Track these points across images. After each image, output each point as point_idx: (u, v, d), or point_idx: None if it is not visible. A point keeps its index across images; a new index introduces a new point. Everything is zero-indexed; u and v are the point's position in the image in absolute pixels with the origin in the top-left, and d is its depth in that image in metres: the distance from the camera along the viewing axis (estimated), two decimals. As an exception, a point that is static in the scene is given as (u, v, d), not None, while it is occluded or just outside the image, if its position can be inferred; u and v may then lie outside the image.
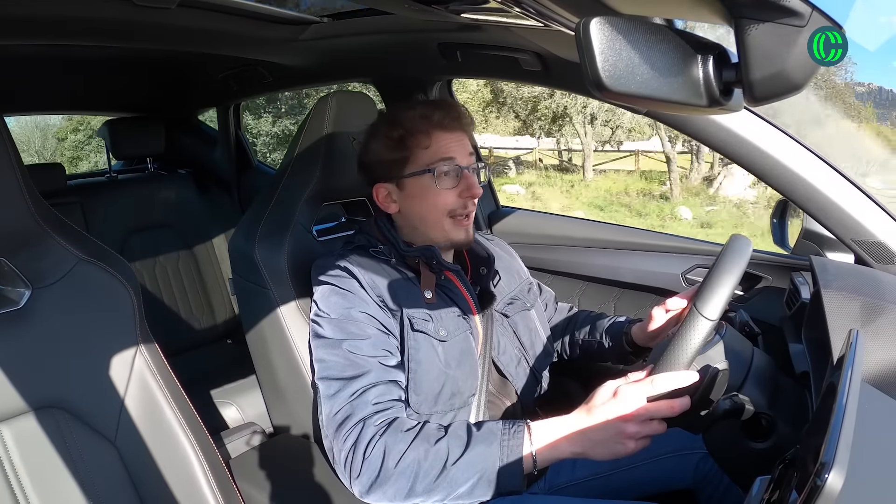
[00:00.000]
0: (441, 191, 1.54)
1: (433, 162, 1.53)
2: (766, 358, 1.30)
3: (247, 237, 1.77)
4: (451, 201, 1.55)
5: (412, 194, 1.57)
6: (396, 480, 1.29)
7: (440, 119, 1.54)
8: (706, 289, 1.15)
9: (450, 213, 1.56)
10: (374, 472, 1.30)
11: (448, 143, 1.54)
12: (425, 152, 1.54)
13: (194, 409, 1.34)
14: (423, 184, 1.55)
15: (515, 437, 1.27)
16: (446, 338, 1.52)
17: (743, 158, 1.64)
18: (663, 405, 1.15)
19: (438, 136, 1.54)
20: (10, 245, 1.18)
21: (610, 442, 1.19)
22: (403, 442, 1.30)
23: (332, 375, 1.43)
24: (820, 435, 0.70)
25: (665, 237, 2.33)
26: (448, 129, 1.55)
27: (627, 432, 1.17)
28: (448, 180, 1.54)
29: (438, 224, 1.57)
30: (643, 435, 1.18)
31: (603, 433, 1.19)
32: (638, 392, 1.16)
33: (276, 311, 1.70)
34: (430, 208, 1.56)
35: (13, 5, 1.60)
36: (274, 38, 2.20)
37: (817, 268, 1.47)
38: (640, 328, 1.68)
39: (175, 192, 3.36)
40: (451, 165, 1.53)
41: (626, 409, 1.17)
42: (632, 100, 0.69)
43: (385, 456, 1.30)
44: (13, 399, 1.15)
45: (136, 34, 2.04)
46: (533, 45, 1.78)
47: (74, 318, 1.23)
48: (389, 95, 2.58)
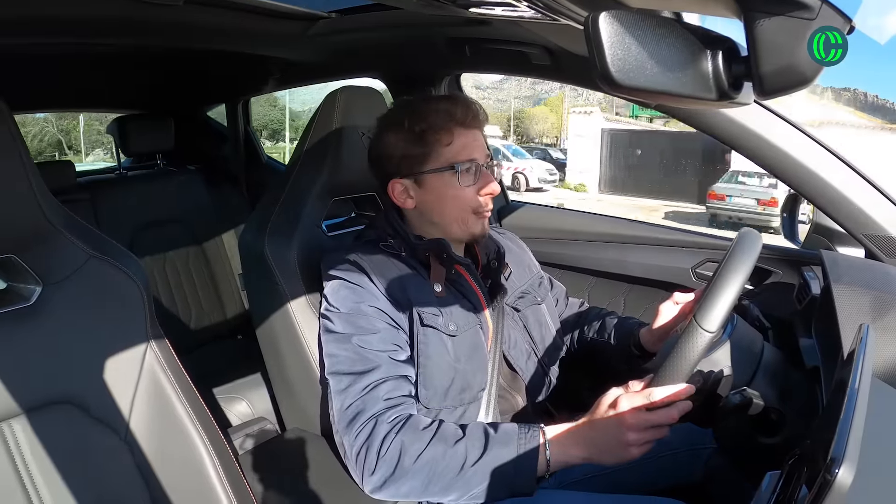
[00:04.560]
0: (463, 188, 1.54)
1: (456, 160, 1.53)
2: (776, 353, 1.29)
3: (257, 233, 1.77)
4: (471, 198, 1.55)
5: (432, 190, 1.57)
6: (412, 478, 1.30)
7: (462, 116, 1.54)
8: (707, 299, 1.14)
9: (473, 210, 1.57)
10: (390, 470, 1.31)
11: (469, 141, 1.55)
12: (447, 149, 1.53)
13: (205, 405, 1.34)
14: (444, 180, 1.54)
15: (531, 440, 1.29)
16: (456, 332, 1.52)
17: (753, 152, 1.63)
18: (661, 414, 1.18)
19: (460, 133, 1.54)
20: (21, 242, 1.18)
21: (614, 449, 1.23)
22: (420, 441, 1.31)
23: (341, 370, 1.43)
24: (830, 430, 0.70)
25: (674, 231, 2.32)
26: (468, 126, 1.55)
27: (628, 440, 1.20)
28: (469, 178, 1.54)
29: (460, 219, 1.57)
30: (644, 441, 1.21)
31: (606, 441, 1.24)
32: (635, 403, 1.20)
33: (286, 306, 1.70)
34: (452, 205, 1.56)
35: (21, 5, 1.60)
36: (281, 34, 2.20)
37: (828, 262, 1.46)
38: (648, 331, 1.68)
39: (184, 188, 3.36)
40: (472, 163, 1.54)
41: (625, 419, 1.20)
42: (641, 94, 0.69)
43: (402, 454, 1.30)
44: (24, 395, 1.16)
45: (144, 31, 2.04)
46: (541, 39, 1.77)
47: (85, 315, 1.23)
48: (398, 90, 2.57)
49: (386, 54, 2.35)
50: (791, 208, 1.90)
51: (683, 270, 2.16)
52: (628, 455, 1.21)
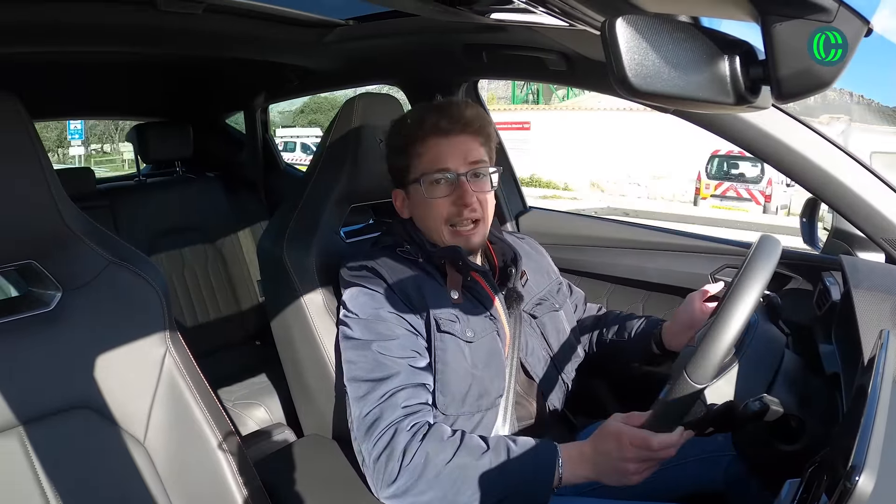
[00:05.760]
0: (433, 200, 1.53)
1: (425, 171, 1.52)
2: (796, 359, 1.28)
3: (275, 239, 1.78)
4: (445, 210, 1.54)
5: (414, 202, 1.59)
6: (434, 488, 1.30)
7: (434, 123, 1.52)
8: (700, 351, 1.12)
9: (447, 221, 1.55)
10: (413, 479, 1.31)
11: (442, 150, 1.53)
12: (420, 160, 1.53)
13: (223, 410, 1.35)
14: (419, 192, 1.55)
15: (549, 457, 1.31)
16: (473, 339, 1.52)
17: (771, 156, 1.62)
18: (660, 453, 1.22)
19: (433, 142, 1.53)
20: (41, 248, 1.19)
21: (615, 475, 1.27)
22: (445, 451, 1.31)
23: (360, 377, 1.44)
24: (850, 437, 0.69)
25: (693, 237, 2.31)
26: (445, 132, 1.53)
27: (629, 470, 1.24)
28: (440, 189, 1.52)
29: (438, 232, 1.57)
30: (644, 470, 1.25)
31: (609, 467, 1.27)
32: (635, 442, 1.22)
33: (305, 312, 1.70)
34: (428, 217, 1.56)
35: (40, 14, 1.63)
36: (299, 41, 2.22)
37: (848, 267, 1.45)
38: (668, 329, 1.67)
39: (203, 194, 3.38)
40: (442, 174, 1.52)
41: (626, 452, 1.23)
42: (659, 99, 0.69)
43: (426, 463, 1.31)
44: (44, 399, 1.17)
45: (163, 40, 2.06)
46: (558, 45, 1.77)
47: (104, 320, 1.24)
48: (415, 97, 2.57)
49: (403, 61, 2.35)
50: (811, 212, 1.88)
51: (702, 276, 2.15)
52: (629, 482, 1.26)
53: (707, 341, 1.12)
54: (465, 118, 1.54)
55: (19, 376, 1.15)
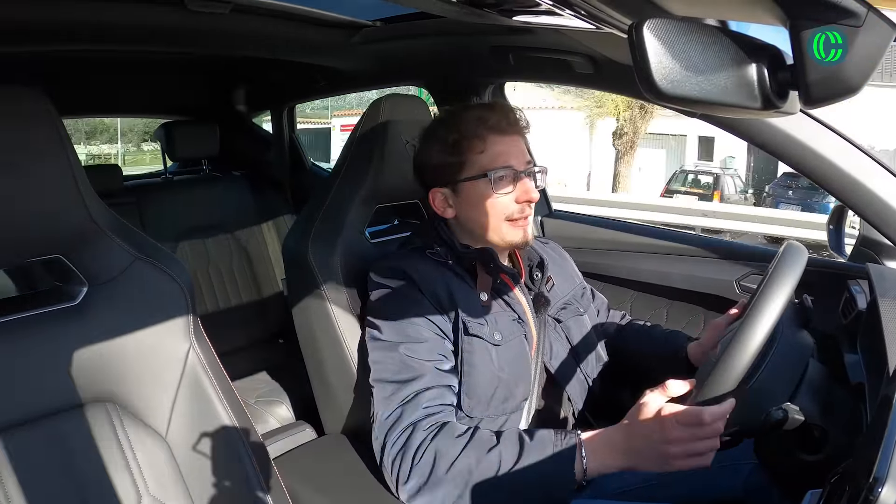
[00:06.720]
0: (498, 196, 1.53)
1: (489, 167, 1.52)
2: (820, 368, 1.27)
3: (300, 238, 1.79)
4: (507, 206, 1.54)
5: (468, 199, 1.57)
6: (446, 486, 1.30)
7: (496, 122, 1.53)
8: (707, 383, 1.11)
9: (507, 217, 1.55)
10: (424, 478, 1.31)
11: (504, 147, 1.53)
12: (480, 157, 1.53)
13: (245, 407, 1.36)
14: (479, 189, 1.54)
15: (567, 447, 1.27)
16: (500, 342, 1.52)
17: (798, 162, 1.60)
18: (708, 431, 1.14)
19: (494, 140, 1.53)
20: (68, 243, 1.20)
21: (655, 460, 1.20)
22: (455, 448, 1.31)
23: (386, 378, 1.45)
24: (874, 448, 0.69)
25: (717, 242, 2.29)
26: (504, 132, 1.54)
27: (670, 453, 1.17)
28: (504, 185, 1.53)
29: (496, 228, 1.56)
30: (687, 455, 1.17)
31: (648, 451, 1.20)
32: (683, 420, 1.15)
33: (329, 311, 1.71)
34: (487, 213, 1.56)
35: (68, 12, 1.65)
36: (325, 42, 2.23)
37: (874, 276, 1.44)
38: (696, 346, 1.66)
39: (229, 193, 3.40)
40: (507, 170, 1.52)
41: (670, 432, 1.16)
42: (685, 103, 0.69)
43: (436, 462, 1.31)
44: (67, 392, 1.18)
45: (191, 39, 2.08)
46: (585, 48, 1.77)
47: (129, 315, 1.25)
48: (442, 99, 2.58)
49: (429, 62, 2.36)
50: (838, 220, 1.87)
51: (727, 283, 2.13)
52: (669, 468, 1.18)
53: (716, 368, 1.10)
54: (518, 120, 1.58)
55: (44, 368, 1.16)
